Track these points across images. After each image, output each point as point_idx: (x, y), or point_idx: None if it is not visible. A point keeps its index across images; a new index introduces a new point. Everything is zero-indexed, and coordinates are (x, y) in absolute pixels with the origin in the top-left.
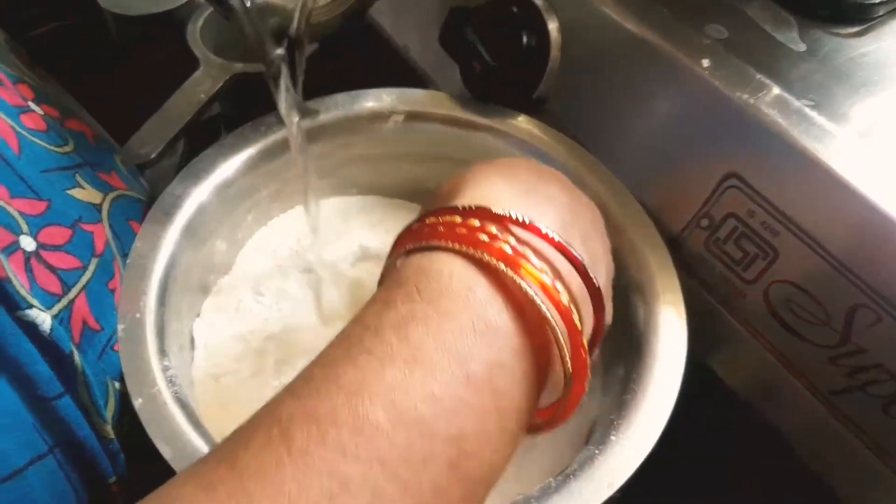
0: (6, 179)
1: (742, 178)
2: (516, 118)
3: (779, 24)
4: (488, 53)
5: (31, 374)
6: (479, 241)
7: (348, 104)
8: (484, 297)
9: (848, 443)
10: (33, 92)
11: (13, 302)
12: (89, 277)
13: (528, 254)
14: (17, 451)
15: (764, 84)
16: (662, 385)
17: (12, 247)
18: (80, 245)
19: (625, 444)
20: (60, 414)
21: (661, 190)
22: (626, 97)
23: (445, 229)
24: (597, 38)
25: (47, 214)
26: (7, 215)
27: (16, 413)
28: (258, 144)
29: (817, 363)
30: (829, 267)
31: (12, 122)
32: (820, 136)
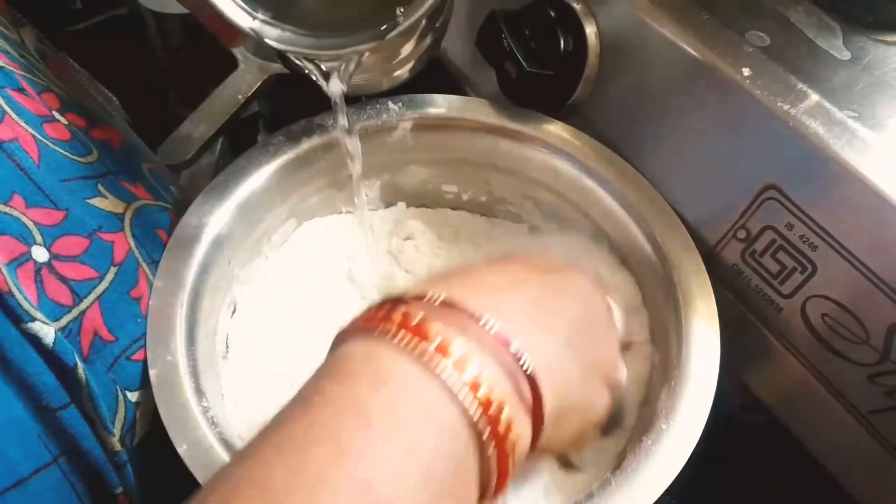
0: (23, 189)
1: (781, 190)
2: (552, 125)
3: (822, 31)
4: (524, 58)
5: (36, 385)
6: (379, 318)
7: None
8: (382, 358)
9: (886, 463)
10: (59, 101)
11: (16, 315)
12: (105, 287)
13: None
14: (23, 460)
15: (805, 93)
16: (692, 407)
17: (23, 258)
18: (96, 255)
19: (656, 464)
20: (65, 424)
21: (697, 200)
22: (664, 105)
23: (358, 322)
24: (635, 45)
25: (64, 224)
26: (21, 226)
27: (21, 422)
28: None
29: (856, 381)
30: (869, 283)
31: (34, 131)
32: (862, 149)
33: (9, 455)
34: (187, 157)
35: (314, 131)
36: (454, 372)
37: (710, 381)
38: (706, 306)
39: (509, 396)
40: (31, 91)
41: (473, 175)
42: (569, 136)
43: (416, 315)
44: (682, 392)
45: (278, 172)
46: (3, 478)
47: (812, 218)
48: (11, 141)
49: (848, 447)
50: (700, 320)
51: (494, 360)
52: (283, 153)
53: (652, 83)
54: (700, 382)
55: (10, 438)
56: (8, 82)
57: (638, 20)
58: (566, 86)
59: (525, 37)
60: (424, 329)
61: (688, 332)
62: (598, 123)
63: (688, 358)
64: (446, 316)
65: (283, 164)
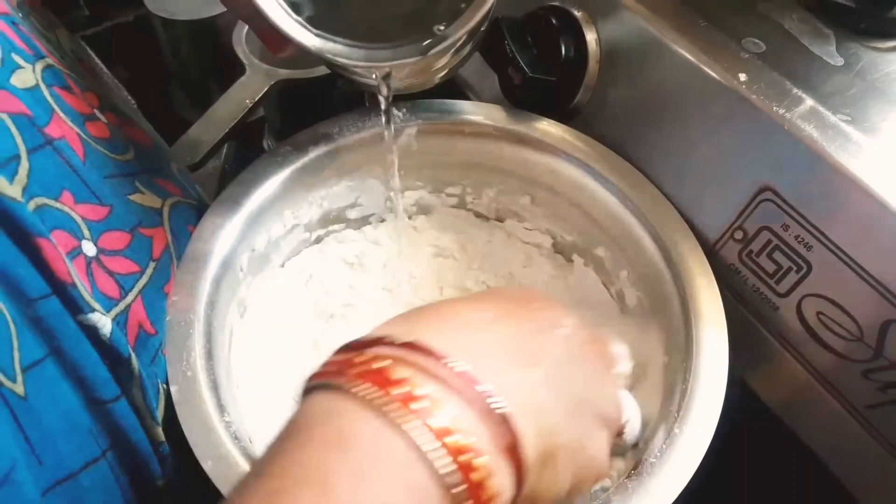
0: (71, 186)
1: (777, 191)
2: (555, 128)
3: (816, 38)
4: (527, 64)
5: (90, 377)
6: (342, 366)
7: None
8: (341, 414)
9: (882, 458)
10: (98, 100)
11: (77, 306)
12: (146, 282)
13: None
14: (74, 455)
15: (800, 98)
16: (703, 409)
17: (75, 251)
18: (138, 249)
19: (667, 469)
20: (115, 417)
21: (695, 202)
22: (663, 110)
23: (324, 368)
24: (635, 52)
25: (108, 220)
26: (71, 221)
27: (74, 416)
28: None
29: (851, 378)
30: (862, 282)
31: (79, 129)
32: (855, 152)
33: (60, 449)
34: (196, 161)
35: (320, 140)
36: (421, 425)
37: (720, 387)
38: (714, 311)
39: (484, 442)
40: (75, 88)
41: (479, 178)
42: (572, 138)
43: (380, 361)
44: (694, 397)
45: (286, 182)
46: (55, 471)
47: (807, 219)
48: (60, 139)
49: (845, 443)
50: (709, 326)
51: (465, 403)
52: (290, 163)
53: (651, 88)
54: (710, 388)
55: (63, 432)
56: (56, 80)
57: (637, 28)
58: (567, 91)
59: (528, 43)
60: (388, 376)
61: (698, 339)
62: (599, 127)
63: (697, 365)
64: (412, 359)
65: (291, 173)
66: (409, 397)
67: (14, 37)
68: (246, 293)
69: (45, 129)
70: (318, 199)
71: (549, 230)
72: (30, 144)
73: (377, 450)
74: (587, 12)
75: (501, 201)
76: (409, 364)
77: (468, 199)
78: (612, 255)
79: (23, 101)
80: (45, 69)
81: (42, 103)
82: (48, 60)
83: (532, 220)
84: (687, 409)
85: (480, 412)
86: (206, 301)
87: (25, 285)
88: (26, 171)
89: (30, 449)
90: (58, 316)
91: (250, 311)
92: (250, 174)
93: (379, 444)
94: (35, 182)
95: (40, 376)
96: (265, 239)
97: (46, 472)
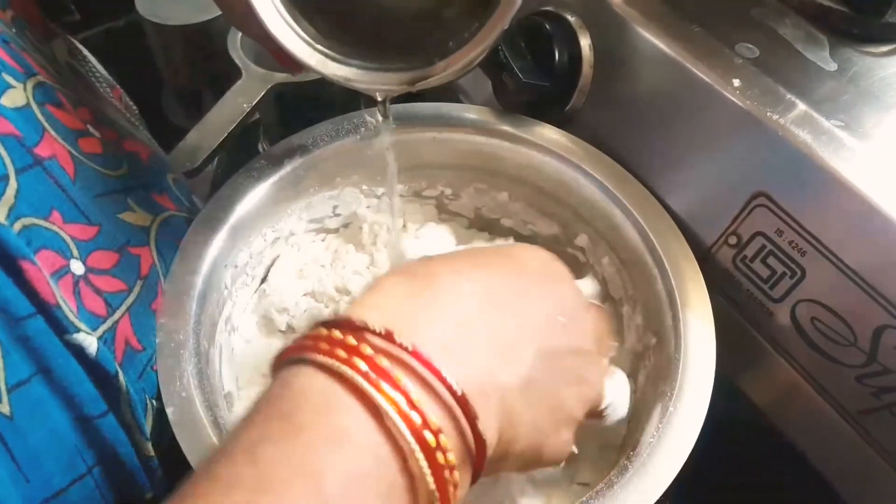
0: (60, 205)
1: (770, 197)
2: (548, 131)
3: (810, 43)
4: (521, 69)
5: (77, 395)
6: (338, 353)
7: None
8: (341, 406)
9: (875, 463)
10: (92, 115)
11: (62, 326)
12: (133, 299)
13: (385, 366)
14: (60, 473)
15: (794, 103)
16: (691, 408)
17: (62, 271)
18: (126, 268)
19: (654, 466)
20: (103, 433)
21: (690, 207)
22: (657, 115)
23: (311, 342)
24: (629, 57)
25: (97, 239)
26: (60, 240)
27: (62, 435)
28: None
29: (844, 383)
30: (855, 287)
31: (70, 147)
32: (849, 157)
33: (47, 467)
34: (195, 166)
35: (296, 152)
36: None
37: (707, 384)
38: (702, 310)
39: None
40: (67, 105)
41: (467, 179)
42: (567, 141)
43: (366, 350)
44: (681, 396)
45: (264, 196)
46: (42, 489)
47: (800, 224)
48: (50, 158)
49: (838, 448)
50: (697, 324)
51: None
52: (267, 177)
53: (645, 94)
54: (697, 385)
55: (50, 450)
56: (47, 98)
57: (631, 33)
58: (561, 96)
59: (521, 49)
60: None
61: (686, 337)
62: (593, 132)
63: (685, 362)
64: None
65: (269, 187)
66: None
67: (5, 56)
68: (232, 310)
69: (34, 148)
70: (297, 211)
71: (529, 225)
72: (18, 164)
73: (367, 454)
74: (581, 18)
75: (482, 200)
76: (393, 359)
77: (446, 201)
78: (593, 245)
79: (12, 123)
80: (37, 87)
81: (33, 122)
82: (39, 77)
83: (512, 217)
84: (673, 411)
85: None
86: (194, 321)
87: (11, 305)
88: (14, 190)
89: (16, 467)
90: (44, 335)
91: (238, 326)
92: (228, 190)
93: (370, 448)
94: (23, 202)
95: (26, 396)
96: (247, 255)
97: (33, 491)
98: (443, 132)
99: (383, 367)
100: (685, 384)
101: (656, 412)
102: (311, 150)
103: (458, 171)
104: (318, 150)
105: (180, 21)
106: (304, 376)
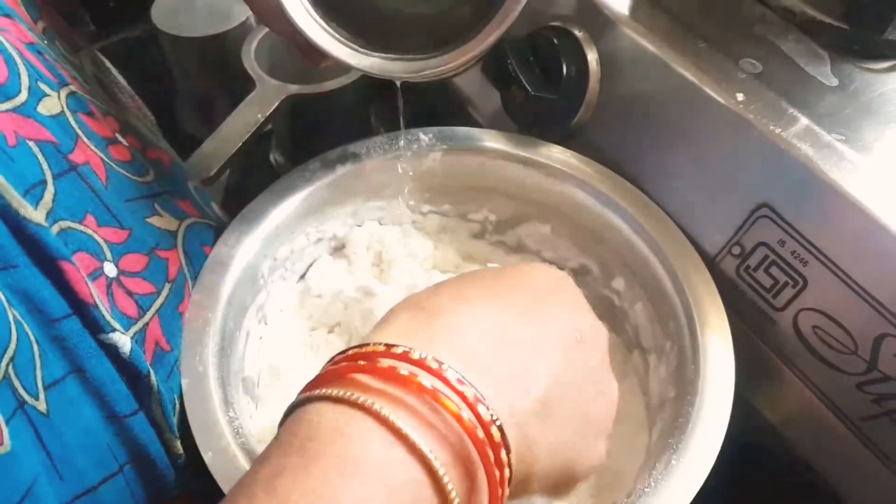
0: (94, 210)
1: (773, 208)
2: (554, 150)
3: (812, 59)
4: (529, 83)
5: (109, 393)
6: (350, 380)
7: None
8: (351, 434)
9: (878, 469)
10: (118, 123)
11: (98, 326)
12: (162, 302)
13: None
14: (93, 470)
15: (796, 118)
16: (709, 426)
17: (97, 273)
18: (155, 271)
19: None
20: (134, 431)
21: (694, 218)
22: (662, 127)
23: (325, 376)
24: (635, 71)
25: (128, 243)
26: (95, 243)
27: (94, 433)
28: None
29: (846, 390)
30: (856, 296)
31: (102, 153)
32: (850, 170)
33: (80, 464)
34: (211, 175)
35: (349, 158)
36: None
37: (715, 441)
38: (720, 330)
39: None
40: (97, 114)
41: (512, 208)
42: (573, 160)
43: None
44: (700, 414)
45: (313, 196)
46: (75, 486)
47: (803, 235)
48: (84, 164)
49: (840, 454)
50: (715, 382)
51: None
52: (318, 178)
53: (650, 107)
54: (716, 404)
55: (83, 448)
56: (80, 106)
57: (637, 48)
58: (569, 109)
59: (530, 62)
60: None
61: (703, 357)
62: (600, 144)
63: (697, 417)
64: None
65: (318, 188)
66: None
67: (40, 66)
68: (266, 300)
69: (69, 155)
70: (342, 216)
71: (569, 261)
72: (55, 170)
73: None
74: (588, 33)
75: (525, 230)
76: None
77: (489, 227)
78: (629, 289)
79: (49, 130)
80: (70, 96)
81: (67, 130)
82: (72, 87)
83: (553, 250)
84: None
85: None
86: (226, 302)
87: (48, 306)
88: (52, 195)
89: (51, 464)
90: (78, 335)
91: (269, 318)
92: (281, 186)
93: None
94: (60, 206)
95: (62, 394)
96: (288, 249)
97: (67, 487)
98: (494, 159)
99: (390, 392)
100: (691, 440)
101: (661, 463)
102: (363, 160)
103: (504, 198)
104: (370, 159)
105: (195, 32)
106: (313, 411)
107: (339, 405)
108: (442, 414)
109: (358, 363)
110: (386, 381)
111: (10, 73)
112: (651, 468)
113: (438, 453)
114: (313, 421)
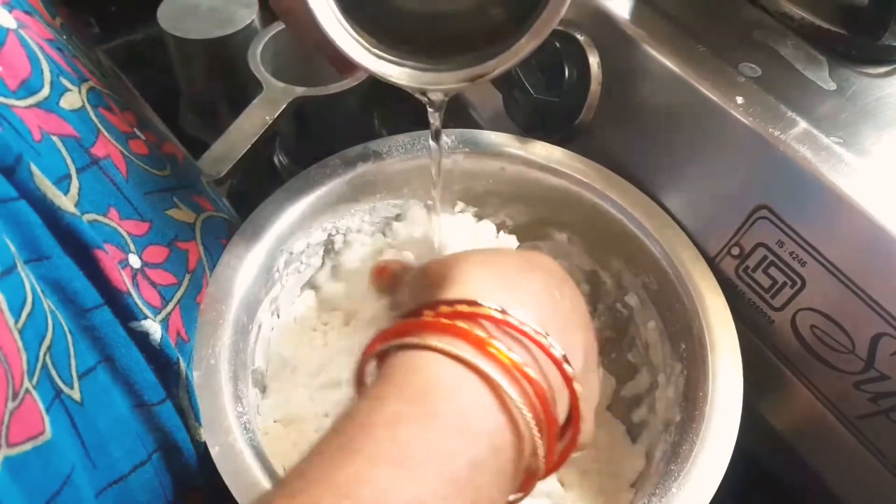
0: (117, 203)
1: (772, 209)
2: (556, 153)
3: (810, 64)
4: (531, 85)
5: (138, 382)
6: (465, 337)
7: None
8: (468, 398)
9: (874, 467)
10: (136, 118)
11: (131, 313)
12: (183, 292)
13: (511, 351)
14: (124, 458)
15: (794, 121)
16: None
17: (122, 264)
18: (175, 262)
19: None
20: (161, 419)
21: (695, 219)
22: (662, 130)
23: (433, 326)
24: (636, 75)
25: (149, 235)
26: (119, 236)
27: (125, 421)
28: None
29: (843, 389)
30: (853, 296)
31: (122, 147)
32: (847, 173)
33: (112, 452)
34: (220, 177)
35: (370, 157)
36: (502, 374)
37: (719, 468)
38: (732, 399)
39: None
40: (116, 109)
41: (530, 213)
42: (575, 162)
43: (476, 329)
44: (709, 424)
45: (332, 192)
46: (107, 473)
47: (801, 236)
48: (105, 158)
49: (837, 452)
50: (723, 410)
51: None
52: (338, 175)
53: (651, 110)
54: (725, 413)
55: (115, 436)
56: (99, 101)
57: (638, 52)
58: (570, 111)
59: (532, 65)
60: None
61: (709, 419)
62: (601, 147)
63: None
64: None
65: (337, 185)
66: (497, 348)
67: (61, 61)
68: (279, 293)
69: (91, 149)
70: (360, 213)
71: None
72: (79, 164)
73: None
74: (590, 37)
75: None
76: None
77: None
78: (642, 305)
79: (71, 124)
80: (90, 91)
81: (88, 124)
82: (91, 82)
83: (568, 258)
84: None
85: (544, 358)
86: (240, 295)
87: (80, 296)
88: (77, 188)
89: (85, 452)
90: (109, 325)
91: (281, 311)
92: (299, 182)
93: (465, 393)
94: (85, 199)
95: (94, 383)
96: (304, 243)
97: (100, 475)
98: (514, 164)
99: (508, 355)
100: (694, 467)
101: (661, 489)
102: (384, 158)
103: (521, 203)
104: (391, 158)
105: (201, 35)
106: (431, 362)
107: (456, 363)
108: (537, 382)
109: (464, 318)
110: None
111: (32, 68)
112: (651, 493)
113: (531, 416)
114: (431, 374)
